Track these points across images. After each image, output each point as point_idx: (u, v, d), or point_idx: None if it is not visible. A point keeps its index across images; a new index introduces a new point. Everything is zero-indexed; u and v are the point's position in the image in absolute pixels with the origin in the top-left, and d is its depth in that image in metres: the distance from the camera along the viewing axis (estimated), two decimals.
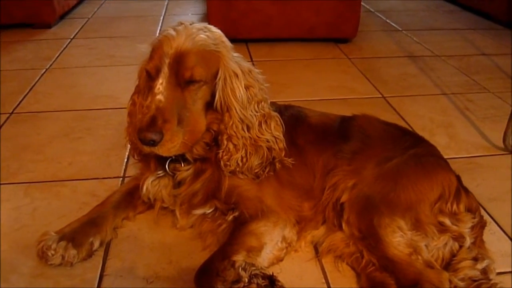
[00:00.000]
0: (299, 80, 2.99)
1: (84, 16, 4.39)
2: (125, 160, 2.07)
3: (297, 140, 1.64)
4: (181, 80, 1.38)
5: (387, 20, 4.45)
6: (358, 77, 3.07)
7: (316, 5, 3.49)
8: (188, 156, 1.51)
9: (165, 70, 1.37)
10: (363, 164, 1.56)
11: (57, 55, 3.37)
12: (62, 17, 4.22)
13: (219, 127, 1.48)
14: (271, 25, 3.51)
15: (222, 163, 1.48)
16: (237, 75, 1.45)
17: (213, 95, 1.45)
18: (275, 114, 1.55)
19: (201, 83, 1.40)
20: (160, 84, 1.37)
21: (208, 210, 1.52)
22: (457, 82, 3.03)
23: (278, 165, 1.54)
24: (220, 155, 1.48)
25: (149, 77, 1.43)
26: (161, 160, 1.57)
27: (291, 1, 3.45)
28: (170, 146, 1.36)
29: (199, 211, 1.53)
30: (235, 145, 1.46)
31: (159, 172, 1.57)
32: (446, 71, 3.23)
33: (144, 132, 1.32)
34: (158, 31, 3.98)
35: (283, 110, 1.69)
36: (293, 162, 1.56)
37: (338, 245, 1.51)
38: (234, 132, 1.46)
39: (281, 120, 1.55)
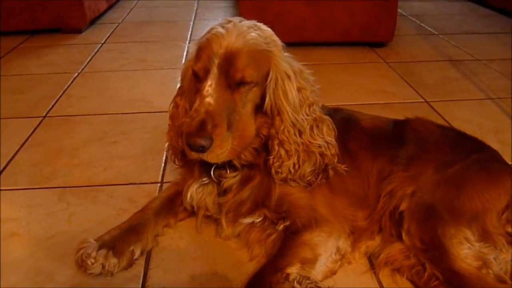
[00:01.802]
0: (337, 84, 2.89)
1: (114, 22, 4.37)
2: (163, 165, 1.99)
3: (350, 145, 1.53)
4: (231, 82, 1.29)
5: (422, 24, 4.32)
6: (397, 81, 2.95)
7: (350, 7, 3.38)
8: (235, 162, 1.42)
9: (214, 71, 1.28)
10: (421, 170, 1.46)
11: (88, 59, 3.34)
12: (92, 22, 4.20)
13: (269, 132, 1.39)
14: (305, 28, 3.42)
15: (273, 170, 1.38)
16: (289, 77, 1.36)
17: (263, 98, 1.36)
18: (327, 117, 1.45)
19: (252, 84, 1.32)
20: (209, 86, 1.28)
21: (257, 219, 1.43)
22: (501, 86, 2.89)
23: (331, 172, 1.43)
24: (270, 161, 1.38)
25: (196, 78, 1.34)
26: (205, 167, 1.48)
27: (324, 2, 3.35)
28: (219, 152, 1.27)
29: (247, 220, 1.44)
30: (287, 151, 1.37)
31: (204, 179, 1.49)
32: (489, 75, 3.08)
33: (194, 137, 1.23)
34: (189, 36, 3.93)
35: (332, 113, 1.58)
36: (346, 168, 1.46)
37: (397, 257, 1.40)
38: (286, 137, 1.36)
39: (333, 124, 1.45)
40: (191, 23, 4.36)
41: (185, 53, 3.47)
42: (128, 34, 3.97)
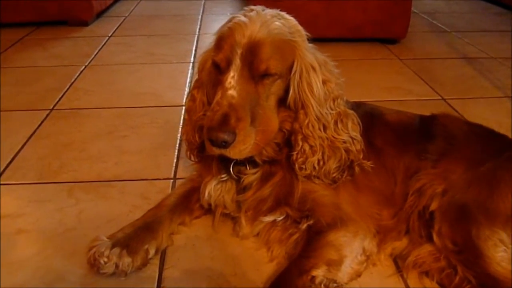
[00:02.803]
0: (352, 80, 2.78)
1: (121, 15, 4.29)
2: (175, 160, 1.92)
3: (375, 140, 1.46)
4: (255, 73, 1.22)
5: (434, 21, 4.25)
6: (413, 78, 2.88)
7: (363, 3, 3.31)
8: (256, 158, 1.34)
9: (237, 61, 1.21)
10: (451, 167, 1.38)
11: (95, 52, 3.26)
12: (99, 15, 4.13)
13: (292, 126, 1.32)
14: (317, 24, 3.34)
15: (296, 166, 1.31)
16: (314, 68, 1.29)
17: (286, 90, 1.29)
18: (352, 112, 1.38)
19: (276, 76, 1.25)
20: (232, 78, 1.21)
21: (279, 218, 1.36)
22: None
23: (357, 169, 1.36)
24: (294, 157, 1.31)
25: (217, 69, 1.27)
26: (224, 163, 1.41)
27: None
28: (242, 147, 1.20)
29: (268, 219, 1.37)
30: (311, 147, 1.30)
31: (223, 175, 1.41)
32: (505, 73, 3.01)
33: (216, 131, 1.16)
34: (197, 30, 3.86)
35: (355, 107, 1.51)
36: (372, 165, 1.38)
37: (426, 259, 1.32)
38: (311, 131, 1.29)
39: (358, 118, 1.38)
40: (199, 17, 4.28)
41: (194, 47, 3.39)
42: (135, 28, 3.89)
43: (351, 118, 1.36)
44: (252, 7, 1.32)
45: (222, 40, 1.25)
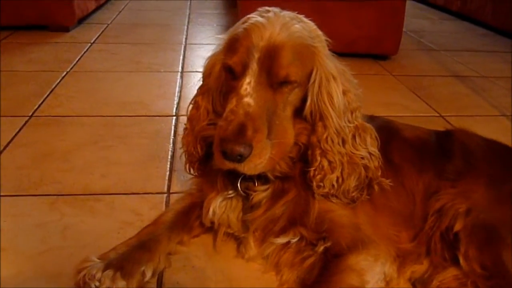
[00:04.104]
0: None
1: (103, 22, 4.14)
2: (168, 173, 1.78)
3: (392, 156, 1.36)
4: (274, 80, 1.11)
5: (421, 40, 4.23)
6: (407, 95, 2.82)
7: (357, 18, 3.26)
8: (268, 173, 1.22)
9: (254, 66, 1.09)
10: (471, 186, 1.30)
11: (77, 58, 3.10)
12: (80, 21, 3.96)
13: (308, 140, 1.21)
14: None
15: (314, 183, 1.19)
16: (334, 78, 1.18)
17: (303, 100, 1.18)
18: (370, 126, 1.27)
19: (295, 84, 1.14)
20: (248, 84, 1.09)
21: (293, 239, 1.23)
22: None
23: (376, 187, 1.25)
24: (311, 173, 1.19)
25: (230, 74, 1.15)
26: (230, 178, 1.28)
27: (331, 12, 3.21)
28: (257, 162, 1.08)
29: (281, 240, 1.23)
30: (330, 162, 1.18)
31: (230, 192, 1.28)
32: (499, 92, 2.99)
33: (231, 143, 1.04)
34: (184, 40, 3.73)
35: (368, 121, 1.40)
36: (390, 183, 1.28)
37: (451, 284, 1.22)
38: (330, 146, 1.18)
39: (376, 133, 1.27)
40: (185, 27, 4.16)
41: (181, 57, 3.27)
42: (119, 35, 3.75)
43: (369, 133, 1.26)
44: (268, 8, 1.21)
45: (237, 42, 1.13)
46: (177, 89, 2.64)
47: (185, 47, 3.52)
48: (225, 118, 1.09)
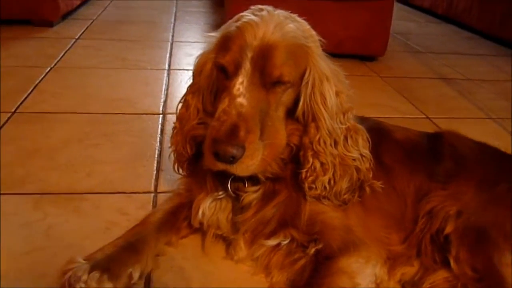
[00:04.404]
0: None
1: (88, 18, 4.07)
2: (155, 172, 1.75)
3: (384, 158, 1.36)
4: (267, 80, 1.09)
5: (408, 42, 4.26)
6: (395, 96, 2.82)
7: (345, 19, 3.26)
8: (259, 174, 1.20)
9: (247, 66, 1.08)
10: (462, 188, 1.31)
11: (62, 54, 3.04)
12: (65, 17, 3.89)
13: (300, 141, 1.19)
14: None
15: (306, 185, 1.18)
16: (327, 78, 1.17)
17: (295, 101, 1.17)
18: (361, 127, 1.26)
19: (288, 84, 1.13)
20: (240, 84, 1.08)
21: (284, 241, 1.21)
22: (499, 106, 2.82)
23: (368, 189, 1.24)
24: (303, 175, 1.18)
25: (222, 73, 1.13)
26: (220, 178, 1.25)
27: (319, 12, 3.20)
28: (249, 163, 1.06)
29: (272, 242, 1.22)
30: (322, 164, 1.17)
31: (220, 193, 1.26)
32: (485, 95, 3.01)
33: (224, 144, 1.02)
34: (170, 37, 3.69)
35: (359, 122, 1.40)
36: (382, 185, 1.27)
37: (441, 286, 1.22)
38: (322, 148, 1.16)
39: (367, 134, 1.26)
40: (172, 25, 4.12)
41: (168, 54, 3.23)
42: (104, 32, 3.69)
43: (361, 134, 1.25)
44: (261, 6, 1.19)
45: (230, 40, 1.11)
46: (163, 87, 2.61)
47: (171, 44, 3.49)
48: (218, 118, 1.07)
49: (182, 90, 1.31)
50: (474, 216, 1.22)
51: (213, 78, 1.21)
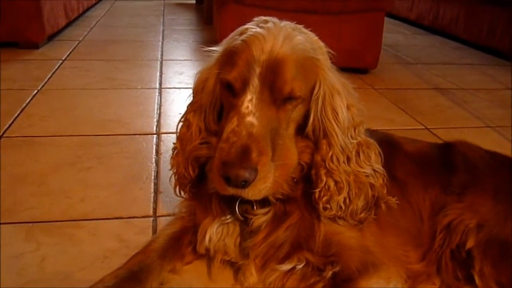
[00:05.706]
0: None
1: (74, 39, 4.00)
2: (153, 195, 1.66)
3: (396, 172, 1.29)
4: (277, 97, 1.03)
5: (398, 54, 4.25)
6: (391, 108, 2.78)
7: (337, 32, 3.23)
8: (269, 196, 1.12)
9: (255, 82, 1.01)
10: (478, 200, 1.26)
11: (49, 75, 2.95)
12: (50, 38, 3.82)
13: (312, 158, 1.13)
14: None
15: (320, 205, 1.11)
16: (338, 92, 1.12)
17: (305, 117, 1.11)
18: (373, 141, 1.19)
19: (299, 100, 1.06)
20: (249, 102, 1.01)
21: (299, 265, 1.14)
22: (496, 115, 2.79)
23: (383, 206, 1.18)
24: (316, 195, 1.11)
25: (228, 90, 1.06)
26: (226, 201, 1.18)
27: (312, 26, 3.16)
28: (262, 186, 1.00)
29: (286, 267, 1.14)
30: (337, 183, 1.10)
31: (228, 217, 1.18)
32: (480, 104, 2.99)
33: (236, 168, 0.95)
34: (159, 56, 3.63)
35: (368, 135, 1.34)
36: (397, 201, 1.21)
37: None
38: (336, 166, 1.10)
39: (379, 149, 1.20)
40: (160, 43, 4.06)
41: (158, 73, 3.16)
42: (91, 52, 3.61)
43: (373, 149, 1.18)
44: (266, 18, 1.13)
45: (235, 55, 1.05)
46: (156, 106, 2.53)
47: (161, 63, 3.42)
48: (227, 140, 1.00)
49: (175, 108, 1.25)
50: (496, 229, 1.17)
51: (216, 94, 1.14)
